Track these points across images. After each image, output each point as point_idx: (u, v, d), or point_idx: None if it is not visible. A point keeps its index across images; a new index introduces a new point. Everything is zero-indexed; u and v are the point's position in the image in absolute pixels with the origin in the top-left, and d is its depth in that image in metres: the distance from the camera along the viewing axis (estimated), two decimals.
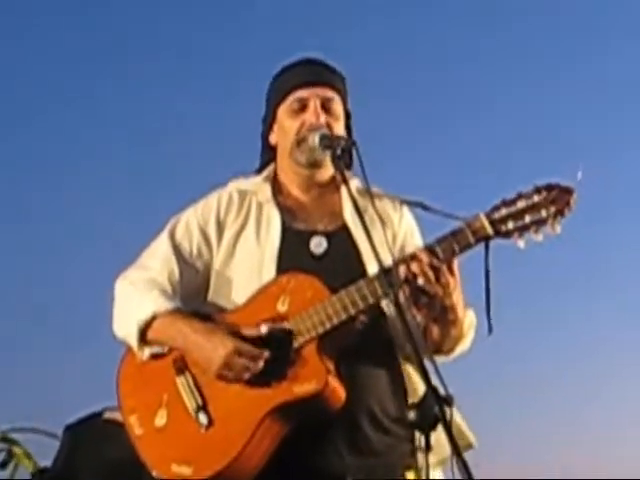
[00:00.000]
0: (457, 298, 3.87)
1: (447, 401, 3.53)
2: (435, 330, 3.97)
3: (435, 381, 3.53)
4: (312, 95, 4.10)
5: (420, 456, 3.79)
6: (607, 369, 10.41)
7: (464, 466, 3.47)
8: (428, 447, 3.66)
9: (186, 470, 3.89)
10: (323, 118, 4.05)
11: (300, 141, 4.06)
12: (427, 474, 3.72)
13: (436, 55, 10.36)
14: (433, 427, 3.61)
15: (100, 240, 9.10)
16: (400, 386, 4.01)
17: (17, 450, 5.85)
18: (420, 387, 3.84)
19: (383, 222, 3.97)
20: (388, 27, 10.21)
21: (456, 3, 10.35)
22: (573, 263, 10.12)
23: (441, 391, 3.49)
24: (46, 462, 5.86)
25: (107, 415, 5.30)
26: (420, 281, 3.75)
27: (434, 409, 3.56)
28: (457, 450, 3.49)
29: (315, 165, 4.08)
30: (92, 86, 9.99)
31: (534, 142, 10.11)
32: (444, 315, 3.91)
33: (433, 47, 10.34)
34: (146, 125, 9.93)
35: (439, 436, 3.67)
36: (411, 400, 3.84)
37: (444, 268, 3.76)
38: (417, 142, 10.34)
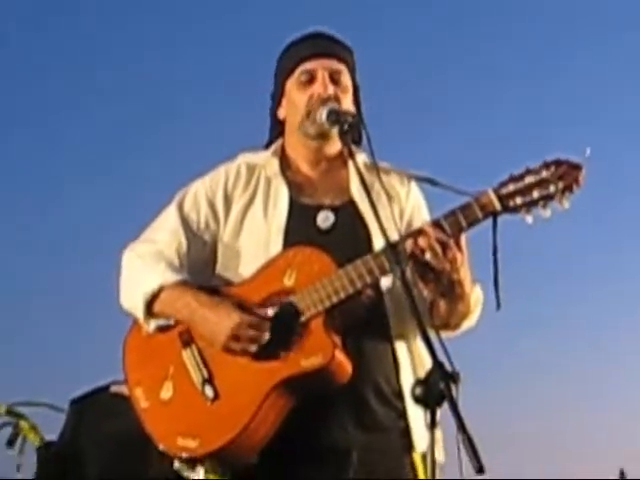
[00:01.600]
0: (464, 273, 3.90)
1: (453, 377, 3.62)
2: (442, 305, 4.01)
3: (441, 357, 3.64)
4: (320, 67, 4.14)
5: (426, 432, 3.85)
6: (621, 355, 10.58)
7: (470, 443, 3.54)
8: (434, 423, 3.73)
9: (191, 443, 3.94)
10: (331, 89, 4.08)
11: (309, 113, 4.09)
12: (432, 450, 3.79)
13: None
14: (439, 403, 3.66)
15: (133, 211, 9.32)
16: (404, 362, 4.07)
17: (23, 424, 5.90)
18: (424, 364, 3.91)
19: (390, 197, 4.06)
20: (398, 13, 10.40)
21: None
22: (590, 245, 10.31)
23: (447, 367, 3.60)
24: (52, 436, 5.96)
25: (113, 389, 5.40)
26: (427, 256, 3.78)
27: (440, 385, 3.65)
28: (463, 427, 3.56)
29: (324, 137, 4.11)
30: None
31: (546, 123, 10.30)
32: (451, 290, 3.93)
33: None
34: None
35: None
36: (417, 376, 3.83)
37: (451, 243, 3.78)
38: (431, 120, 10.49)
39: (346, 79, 4.16)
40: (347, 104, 4.11)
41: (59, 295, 9.80)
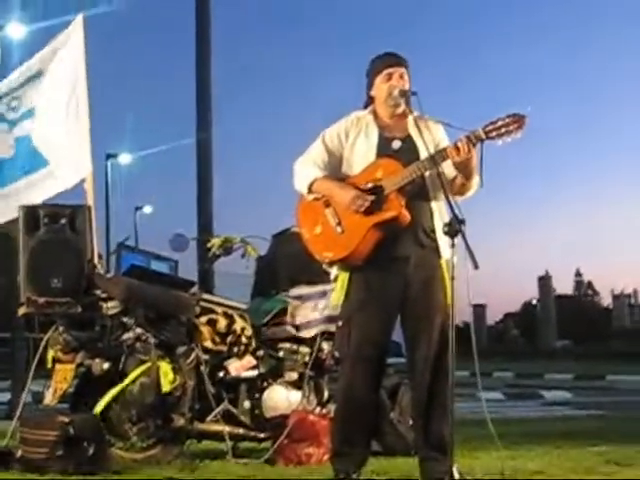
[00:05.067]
0: (474, 163, 4.38)
1: (462, 221, 4.17)
2: (459, 179, 4.46)
3: (456, 211, 4.20)
4: (395, 71, 4.55)
5: (450, 249, 4.26)
6: None
7: (471, 253, 4.14)
8: (453, 245, 4.19)
9: (330, 254, 4.48)
10: (400, 83, 4.52)
11: (390, 94, 4.54)
12: (452, 257, 4.22)
13: None
14: (456, 234, 4.16)
15: None
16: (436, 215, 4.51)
17: (248, 246, 6.39)
18: (446, 216, 4.36)
19: (429, 131, 4.53)
20: None
21: None
22: None
23: (459, 216, 4.18)
24: (262, 252, 6.45)
25: (292, 229, 5.84)
26: (462, 152, 4.31)
27: (456, 225, 4.17)
28: (467, 245, 4.12)
29: (396, 106, 4.54)
30: None
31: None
32: (466, 169, 4.41)
33: None
34: None
35: None
36: (444, 221, 4.33)
37: (470, 146, 4.30)
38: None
39: (406, 77, 4.56)
40: (407, 88, 4.53)
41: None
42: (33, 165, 6.36)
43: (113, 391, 5.25)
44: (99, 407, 5.22)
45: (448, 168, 4.48)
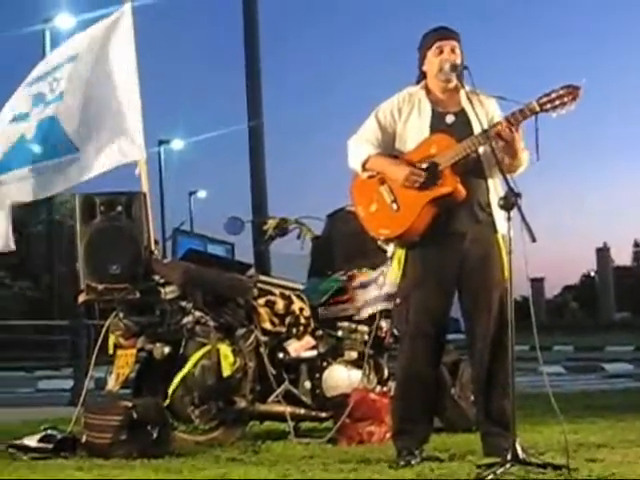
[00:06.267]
0: (519, 143, 4.37)
1: (518, 195, 4.14)
2: (507, 159, 4.42)
3: (511, 184, 4.17)
4: (446, 45, 4.52)
5: (506, 223, 4.21)
6: None
7: (528, 227, 4.05)
8: (509, 217, 4.17)
9: (386, 231, 4.51)
10: (452, 57, 4.49)
11: (441, 69, 4.50)
12: (509, 231, 4.19)
13: None
14: (512, 208, 4.12)
15: None
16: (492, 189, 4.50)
17: (304, 227, 6.42)
18: (502, 191, 4.33)
19: (482, 105, 4.50)
20: None
21: None
22: None
23: (515, 190, 4.15)
24: (318, 232, 6.46)
25: (347, 208, 5.85)
26: (505, 133, 4.31)
27: (512, 199, 4.16)
28: (524, 218, 4.07)
29: (448, 81, 4.51)
30: None
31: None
32: (512, 150, 4.39)
33: None
34: None
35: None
36: (499, 196, 4.29)
37: (516, 127, 4.30)
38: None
39: (458, 51, 4.52)
40: (458, 62, 4.49)
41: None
42: (59, 149, 6.20)
43: (179, 378, 5.28)
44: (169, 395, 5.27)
45: None
